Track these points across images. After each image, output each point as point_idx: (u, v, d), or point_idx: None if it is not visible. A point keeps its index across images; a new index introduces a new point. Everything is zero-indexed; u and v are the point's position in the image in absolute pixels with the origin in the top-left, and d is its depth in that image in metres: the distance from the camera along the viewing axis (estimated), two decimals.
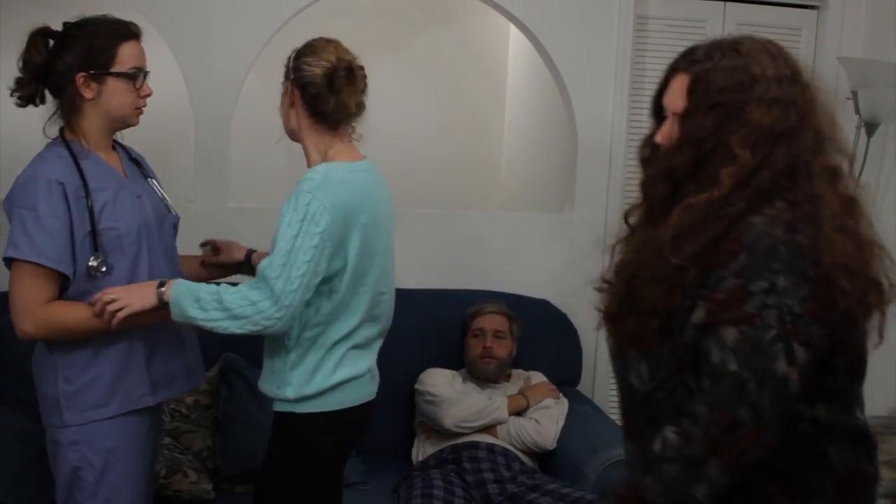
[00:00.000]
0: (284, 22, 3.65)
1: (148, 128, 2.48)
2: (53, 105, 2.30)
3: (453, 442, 3.19)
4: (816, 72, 4.17)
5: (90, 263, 2.18)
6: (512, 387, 3.39)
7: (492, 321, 3.45)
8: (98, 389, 2.26)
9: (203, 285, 2.18)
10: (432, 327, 3.56)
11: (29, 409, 3.04)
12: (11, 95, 2.26)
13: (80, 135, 2.25)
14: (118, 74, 2.21)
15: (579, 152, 3.94)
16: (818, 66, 4.09)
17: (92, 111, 2.24)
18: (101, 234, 2.20)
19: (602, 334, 4.22)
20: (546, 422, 3.25)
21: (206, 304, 2.13)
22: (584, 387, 3.84)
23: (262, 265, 2.14)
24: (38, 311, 2.17)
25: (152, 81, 2.32)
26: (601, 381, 4.06)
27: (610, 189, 3.96)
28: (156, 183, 2.46)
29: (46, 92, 2.29)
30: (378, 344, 2.46)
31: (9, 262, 2.18)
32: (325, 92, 2.27)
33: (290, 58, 2.36)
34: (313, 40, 2.38)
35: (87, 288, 2.21)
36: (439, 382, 3.32)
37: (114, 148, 2.36)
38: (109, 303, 2.15)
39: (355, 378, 2.35)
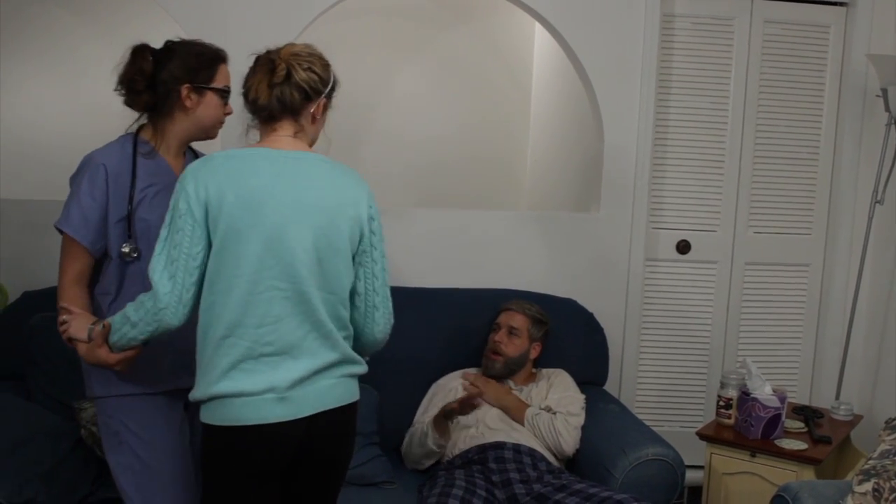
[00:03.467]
0: (309, 22, 3.66)
1: None
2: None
3: (479, 442, 3.19)
4: (845, 70, 4.21)
5: (123, 249, 2.39)
6: (536, 389, 3.38)
7: (509, 318, 3.45)
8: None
9: (120, 311, 2.26)
10: (457, 326, 3.56)
11: (60, 407, 3.08)
12: (126, 104, 2.50)
13: (158, 136, 2.48)
14: (216, 90, 2.46)
15: (605, 151, 3.93)
16: (847, 64, 4.06)
17: (183, 119, 2.47)
18: (135, 222, 2.40)
19: (628, 333, 4.27)
20: (571, 430, 3.24)
21: (116, 326, 2.24)
22: (610, 386, 3.84)
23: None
24: (63, 280, 2.42)
25: None
26: (628, 380, 4.05)
27: (636, 188, 3.94)
28: None
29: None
30: (304, 361, 2.21)
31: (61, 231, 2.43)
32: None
33: (333, 73, 2.36)
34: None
35: (123, 270, 2.42)
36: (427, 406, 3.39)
37: (184, 154, 2.55)
38: (67, 316, 2.36)
39: (242, 395, 2.16)
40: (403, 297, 3.56)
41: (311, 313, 2.22)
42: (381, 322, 2.38)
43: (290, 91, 2.25)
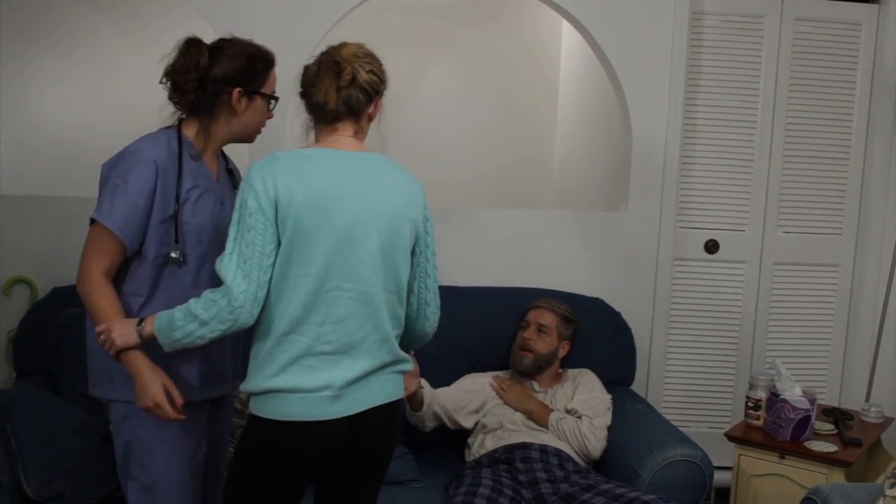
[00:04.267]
0: (336, 21, 3.67)
1: None
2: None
3: (506, 443, 3.18)
4: (877, 69, 4.17)
5: (172, 254, 2.33)
6: (562, 390, 3.37)
7: (538, 315, 3.44)
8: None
9: (178, 307, 2.18)
10: (484, 325, 3.56)
11: (88, 402, 3.10)
12: (170, 97, 2.39)
13: (204, 136, 2.41)
14: (265, 95, 2.42)
15: (634, 150, 3.91)
16: (879, 62, 4.02)
17: (229, 120, 2.40)
18: (181, 224, 2.34)
19: (656, 333, 4.25)
20: (597, 432, 3.23)
21: (179, 323, 2.16)
22: (637, 386, 3.82)
23: (216, 262, 2.17)
24: (91, 274, 2.29)
25: None
26: (655, 380, 4.03)
27: (665, 187, 3.92)
28: None
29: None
30: (361, 361, 2.22)
31: (92, 220, 2.33)
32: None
33: (384, 71, 2.45)
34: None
35: (159, 273, 2.35)
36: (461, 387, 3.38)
37: (217, 155, 2.50)
38: (104, 334, 2.26)
39: (300, 391, 2.17)
40: None
41: (374, 314, 2.24)
42: (431, 318, 2.44)
43: (356, 93, 2.30)
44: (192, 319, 2.14)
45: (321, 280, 2.16)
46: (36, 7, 4.54)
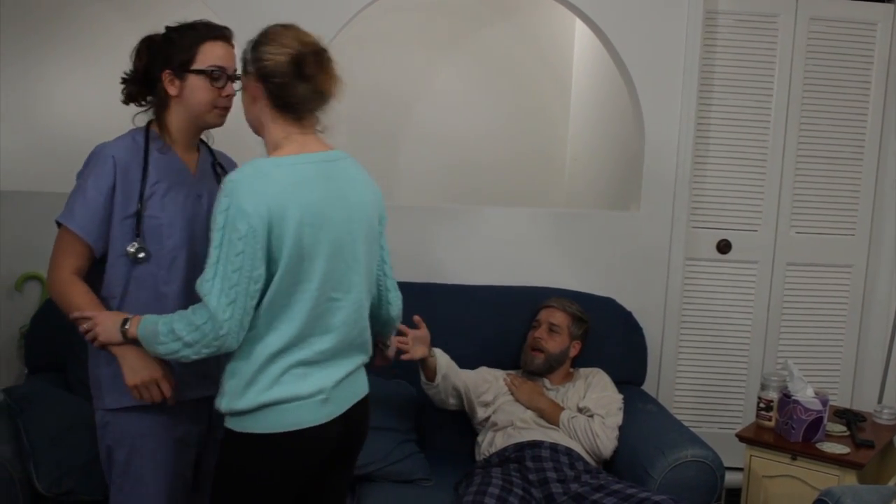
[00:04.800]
0: (349, 19, 3.66)
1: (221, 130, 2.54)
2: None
3: (516, 441, 3.17)
4: (892, 69, 4.14)
5: (128, 249, 2.28)
6: (574, 389, 3.36)
7: (550, 314, 3.44)
8: (122, 379, 2.28)
9: (161, 318, 2.14)
10: (495, 324, 3.55)
11: None
12: (122, 100, 2.45)
13: (164, 129, 2.38)
14: (197, 72, 2.31)
15: (646, 149, 3.90)
16: (894, 62, 4.00)
17: (177, 108, 2.35)
18: (144, 220, 2.30)
19: (667, 333, 4.25)
20: (609, 432, 3.22)
21: (163, 339, 2.12)
22: (648, 386, 3.81)
23: (197, 282, 2.08)
24: (60, 274, 2.28)
25: None
26: (666, 380, 4.02)
27: (677, 187, 3.91)
28: None
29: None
30: (345, 361, 2.22)
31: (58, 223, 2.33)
32: (291, 80, 2.15)
33: (245, 50, 2.24)
34: (269, 28, 2.28)
35: (129, 272, 2.31)
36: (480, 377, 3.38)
37: (198, 149, 2.46)
38: (88, 323, 2.25)
39: (296, 399, 2.13)
40: (441, 295, 3.58)
41: (361, 319, 2.24)
42: (395, 301, 2.44)
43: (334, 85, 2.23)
44: (177, 339, 2.09)
45: (319, 295, 2.12)
46: (49, 5, 4.56)
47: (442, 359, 3.26)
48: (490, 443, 3.25)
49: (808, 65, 3.98)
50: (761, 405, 3.45)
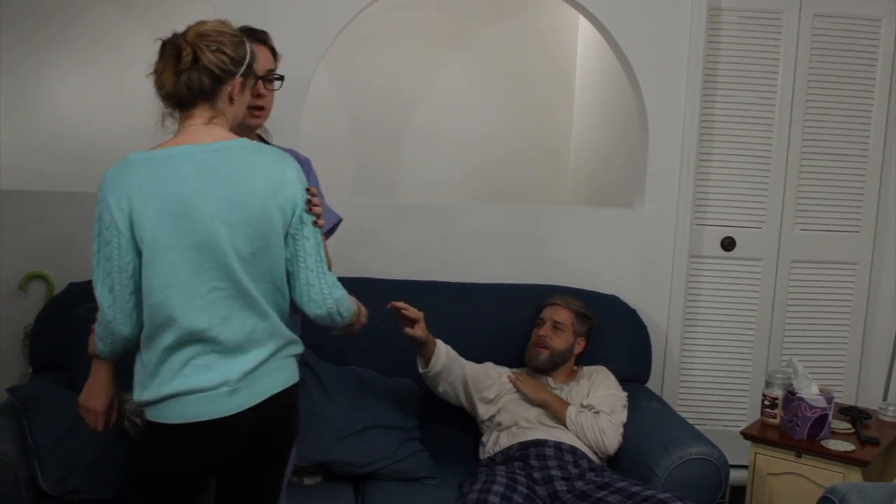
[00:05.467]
0: (353, 16, 3.66)
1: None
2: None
3: (520, 440, 3.17)
4: None
5: None
6: (577, 387, 3.36)
7: (554, 312, 3.43)
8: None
9: None
10: (500, 322, 3.55)
11: None
12: None
13: None
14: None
15: (650, 145, 3.89)
16: None
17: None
18: None
19: (672, 330, 4.24)
20: (615, 428, 3.22)
21: (96, 337, 2.25)
22: (653, 383, 3.81)
23: None
24: None
25: None
26: (670, 378, 4.02)
27: (681, 184, 3.91)
28: None
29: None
30: (255, 351, 2.21)
31: None
32: (159, 73, 2.23)
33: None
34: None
35: None
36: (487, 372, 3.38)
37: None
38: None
39: (198, 391, 2.13)
40: (445, 292, 3.58)
41: (255, 307, 2.20)
42: (317, 298, 2.30)
43: (199, 76, 2.17)
44: (98, 337, 2.21)
45: (195, 285, 2.11)
46: (51, 4, 4.56)
47: (441, 352, 3.25)
48: (495, 442, 3.25)
49: (812, 61, 3.97)
50: (766, 402, 3.45)
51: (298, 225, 2.25)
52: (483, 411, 3.32)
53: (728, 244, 4.04)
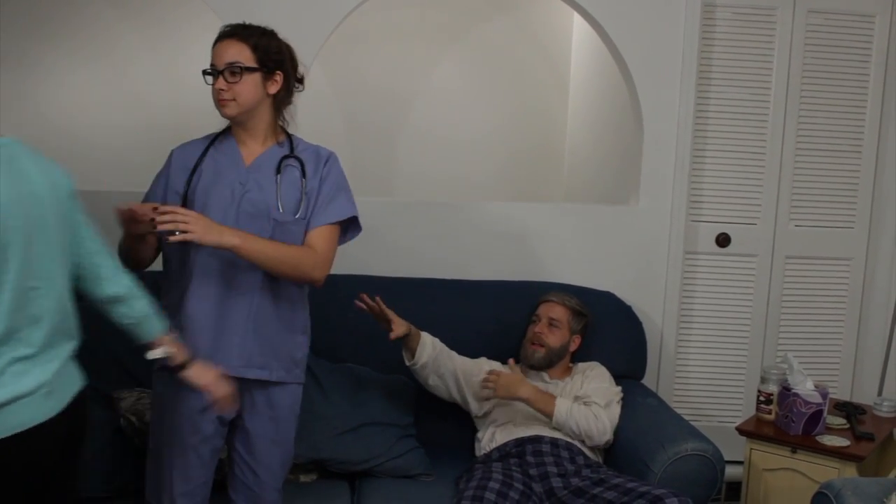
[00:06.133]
0: (348, 13, 3.66)
1: (223, 121, 2.59)
2: None
3: (517, 436, 3.18)
4: (891, 61, 4.13)
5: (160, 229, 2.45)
6: (572, 383, 3.36)
7: (550, 309, 3.43)
8: None
9: None
10: (495, 318, 3.55)
11: (99, 396, 3.11)
12: None
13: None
14: (203, 71, 2.60)
15: (645, 143, 3.90)
16: (892, 54, 3.99)
17: None
18: (188, 203, 2.55)
19: (667, 327, 4.24)
20: (607, 418, 3.21)
21: None
22: (648, 380, 3.81)
23: None
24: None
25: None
26: (666, 374, 4.02)
27: (676, 180, 3.91)
28: (301, 181, 2.60)
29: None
30: (58, 350, 2.12)
31: None
32: None
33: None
34: None
35: (169, 250, 2.61)
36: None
37: (273, 142, 2.65)
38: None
39: (21, 398, 2.01)
40: (440, 289, 3.58)
41: (65, 304, 2.14)
42: (112, 276, 2.26)
43: None
44: None
45: (18, 286, 2.01)
46: (48, 3, 4.55)
47: (426, 344, 3.25)
48: (491, 438, 3.25)
49: (806, 57, 3.98)
50: (761, 398, 3.45)
51: (79, 223, 2.20)
52: (476, 407, 3.32)
53: (723, 240, 4.05)
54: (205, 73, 2.57)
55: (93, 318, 2.41)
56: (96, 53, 4.63)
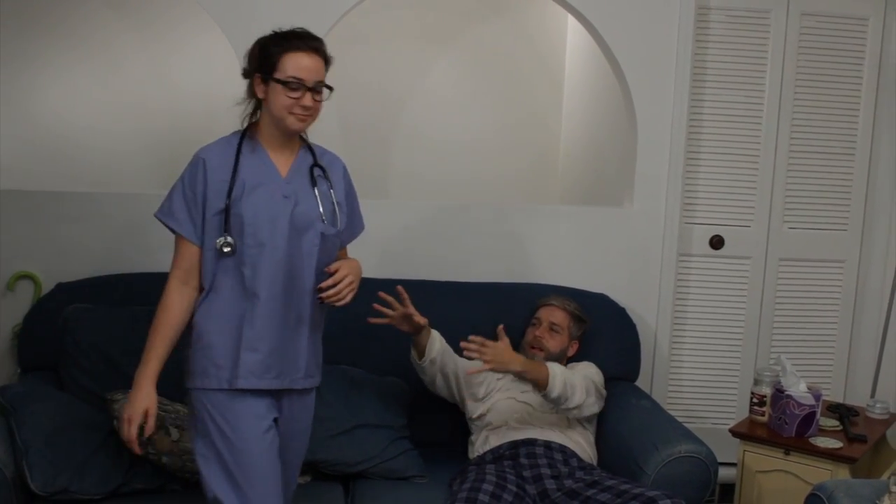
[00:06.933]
0: (344, 13, 3.66)
1: (218, 123, 2.58)
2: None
3: (510, 438, 3.18)
4: (884, 64, 4.15)
5: (217, 242, 2.47)
6: None
7: (551, 313, 3.43)
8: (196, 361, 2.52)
9: None
10: (491, 320, 3.53)
11: (93, 398, 3.11)
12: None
13: (258, 129, 2.57)
14: (278, 80, 2.47)
15: (639, 144, 3.90)
16: (885, 57, 4.00)
17: (265, 110, 2.54)
18: (231, 217, 2.48)
19: (661, 329, 4.25)
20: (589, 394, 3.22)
21: None
22: (642, 381, 3.81)
23: None
24: (168, 283, 2.52)
25: (217, 76, 2.47)
26: (659, 376, 4.02)
27: (669, 183, 3.91)
28: (326, 192, 2.61)
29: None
30: None
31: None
32: None
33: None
34: None
35: (217, 265, 2.50)
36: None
37: (298, 151, 2.62)
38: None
39: None
40: (435, 291, 3.58)
41: None
42: None
43: None
44: None
45: None
46: (42, 2, 4.54)
47: (435, 338, 3.25)
48: (484, 441, 3.25)
49: (799, 60, 3.98)
50: (754, 400, 3.46)
51: None
52: (472, 409, 3.32)
53: (716, 243, 4.05)
54: (285, 83, 2.45)
55: (86, 319, 2.41)
56: (91, 53, 4.62)
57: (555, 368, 3.14)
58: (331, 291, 2.52)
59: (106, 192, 3.72)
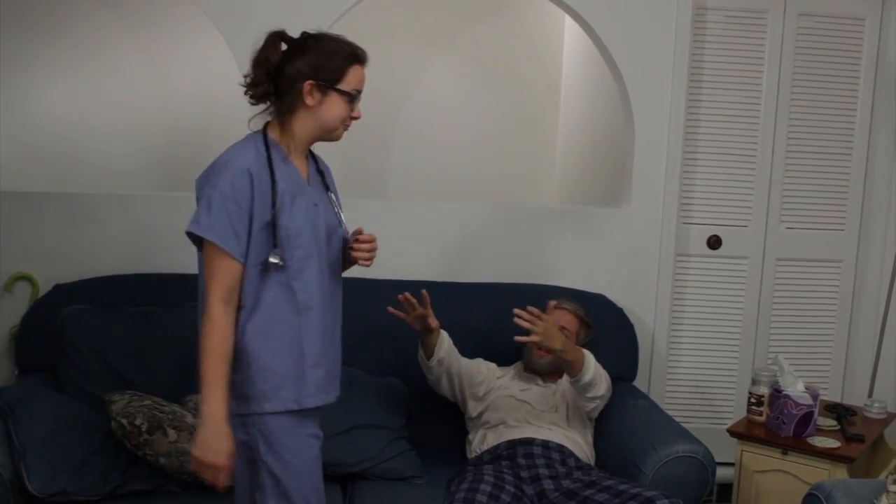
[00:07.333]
0: (341, 14, 3.66)
1: (215, 124, 2.55)
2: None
3: (508, 438, 3.18)
4: (881, 64, 4.15)
5: (271, 259, 2.31)
6: (564, 384, 3.36)
7: (561, 317, 3.39)
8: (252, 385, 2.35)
9: None
10: (488, 321, 3.54)
11: (91, 399, 3.11)
12: (245, 94, 2.41)
13: (286, 134, 2.40)
14: (341, 91, 2.37)
15: (636, 145, 3.90)
16: (882, 57, 4.01)
17: (306, 117, 2.39)
18: (280, 228, 2.33)
19: (658, 329, 4.25)
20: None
21: None
22: (640, 382, 3.81)
23: None
24: (211, 311, 2.28)
25: (214, 77, 2.41)
26: (657, 376, 4.03)
27: (667, 183, 3.92)
28: (333, 196, 2.55)
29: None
30: None
31: (196, 239, 2.32)
32: None
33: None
34: None
35: (261, 281, 2.33)
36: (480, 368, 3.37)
37: (307, 156, 2.49)
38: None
39: None
40: (432, 292, 3.56)
41: None
42: None
43: None
44: None
45: None
46: (39, 3, 4.53)
47: (444, 341, 3.26)
48: (482, 440, 3.25)
49: (797, 60, 3.99)
50: (752, 400, 3.46)
51: None
52: (472, 408, 3.32)
53: (714, 243, 4.05)
54: (348, 94, 2.39)
55: (83, 320, 2.41)
56: (86, 54, 4.61)
57: (589, 354, 3.17)
58: (367, 245, 2.45)
59: (103, 193, 3.71)
